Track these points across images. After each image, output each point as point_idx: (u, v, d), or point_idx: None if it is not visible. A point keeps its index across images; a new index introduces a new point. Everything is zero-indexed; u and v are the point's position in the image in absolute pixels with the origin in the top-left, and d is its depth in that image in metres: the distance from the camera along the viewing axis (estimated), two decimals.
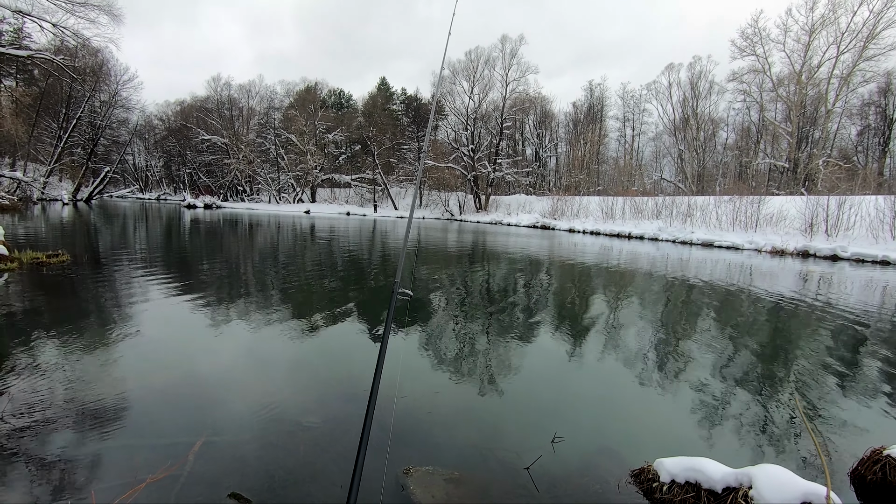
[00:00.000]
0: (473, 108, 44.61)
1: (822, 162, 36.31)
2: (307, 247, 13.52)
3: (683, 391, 3.55)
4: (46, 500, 1.96)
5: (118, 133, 46.21)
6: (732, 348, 4.75)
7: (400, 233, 21.18)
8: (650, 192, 36.11)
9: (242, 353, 4.03)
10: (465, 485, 2.20)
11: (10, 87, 37.81)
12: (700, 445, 2.76)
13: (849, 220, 17.47)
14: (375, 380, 1.50)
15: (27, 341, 3.94)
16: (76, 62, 31.22)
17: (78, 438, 2.45)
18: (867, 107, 39.26)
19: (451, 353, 4.28)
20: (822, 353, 4.72)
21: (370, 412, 1.39)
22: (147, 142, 59.53)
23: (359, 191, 52.33)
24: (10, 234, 10.67)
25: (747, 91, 43.15)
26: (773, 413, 3.22)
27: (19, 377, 3.17)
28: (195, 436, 2.49)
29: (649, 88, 51.35)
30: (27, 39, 33.51)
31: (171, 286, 6.52)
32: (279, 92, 55.62)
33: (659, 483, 2.22)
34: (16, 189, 27.03)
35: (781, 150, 41.87)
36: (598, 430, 2.94)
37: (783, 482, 1.93)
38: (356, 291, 6.97)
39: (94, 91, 37.77)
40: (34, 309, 5.04)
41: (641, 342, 4.83)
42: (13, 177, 26.63)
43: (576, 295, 7.61)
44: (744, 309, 6.88)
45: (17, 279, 6.45)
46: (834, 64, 37.31)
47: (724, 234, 20.14)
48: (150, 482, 2.04)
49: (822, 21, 36.80)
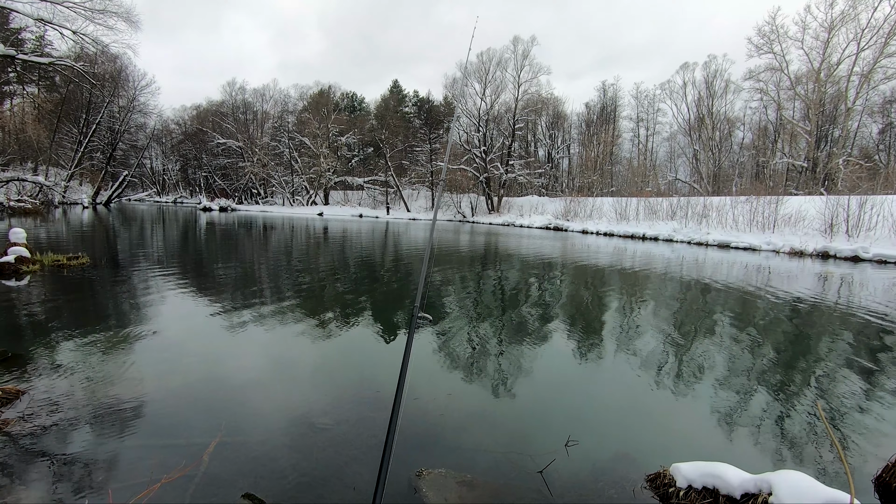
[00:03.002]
0: (485, 109, 44.57)
1: (843, 161, 35.53)
2: (321, 249, 13.61)
3: (701, 394, 3.49)
4: (64, 498, 1.99)
5: (136, 138, 47.21)
6: (751, 351, 4.66)
7: (413, 234, 21.20)
8: (665, 193, 35.69)
9: (257, 354, 4.07)
10: (478, 488, 2.19)
11: (33, 93, 38.87)
12: (718, 450, 2.70)
13: (870, 221, 17.02)
14: (397, 396, 1.51)
15: (48, 342, 4.02)
16: (95, 68, 31.96)
17: (95, 438, 2.49)
18: (889, 104, 38.26)
19: (464, 355, 4.26)
20: (845, 356, 4.60)
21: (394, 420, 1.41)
22: (164, 146, 60.55)
23: (371, 193, 52.61)
24: (32, 236, 10.93)
25: (764, 89, 42.40)
26: (793, 417, 3.15)
27: (40, 377, 3.23)
28: (210, 436, 2.51)
29: (663, 88, 50.76)
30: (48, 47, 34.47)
31: (188, 288, 6.62)
32: (293, 95, 56.26)
33: (675, 488, 2.18)
34: (38, 193, 27.70)
35: (800, 149, 41.07)
36: (612, 433, 2.90)
37: (804, 489, 1.88)
38: (369, 294, 7.00)
39: (112, 97, 38.65)
40: (55, 310, 5.14)
41: (656, 345, 4.76)
42: (35, 181, 27.30)
43: (589, 297, 7.54)
44: (762, 311, 6.75)
45: (39, 281, 6.60)
46: (854, 61, 36.52)
47: (741, 236, 19.79)
48: (165, 482, 2.06)
49: (841, 17, 36.05)
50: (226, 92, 56.18)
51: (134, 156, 47.81)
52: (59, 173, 35.28)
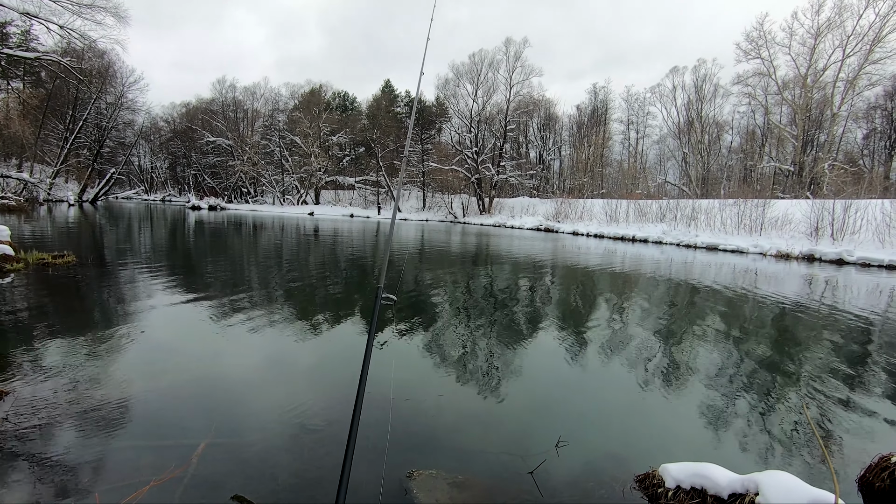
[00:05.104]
0: (477, 110, 44.68)
1: (828, 165, 36.16)
2: (311, 249, 13.54)
3: (689, 396, 3.53)
4: (50, 501, 1.96)
5: (124, 135, 46.60)
6: (738, 353, 4.72)
7: (403, 234, 21.19)
8: (654, 196, 36.00)
9: (247, 354, 4.04)
10: (469, 488, 2.19)
11: (18, 88, 38.16)
12: (706, 451, 2.74)
13: (855, 224, 17.33)
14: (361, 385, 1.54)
15: (32, 342, 3.95)
16: (83, 64, 31.44)
17: (82, 440, 2.46)
18: (873, 110, 39.07)
19: (455, 356, 4.27)
20: (829, 358, 4.68)
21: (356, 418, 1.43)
22: (152, 143, 59.81)
23: (362, 193, 52.45)
24: (17, 234, 10.73)
25: (752, 94, 43.08)
26: (779, 419, 3.20)
27: (24, 378, 3.18)
28: (199, 438, 2.49)
29: (653, 91, 51.32)
30: (34, 42, 33.90)
31: (176, 288, 6.55)
32: (284, 94, 55.89)
33: (664, 489, 2.20)
34: (22, 190, 27.20)
35: (787, 153, 41.74)
36: (602, 434, 2.92)
37: (790, 488, 1.91)
38: (360, 294, 6.98)
39: (100, 93, 38.07)
40: (40, 310, 5.06)
41: (646, 346, 4.81)
42: (20, 178, 26.82)
43: (580, 299, 7.59)
44: (749, 313, 6.84)
45: (24, 280, 6.48)
46: (840, 67, 37.24)
47: (729, 238, 20.04)
48: (154, 485, 2.04)
49: (827, 24, 36.75)
50: (216, 90, 55.70)
51: (121, 153, 47.17)
52: (45, 170, 34.66)
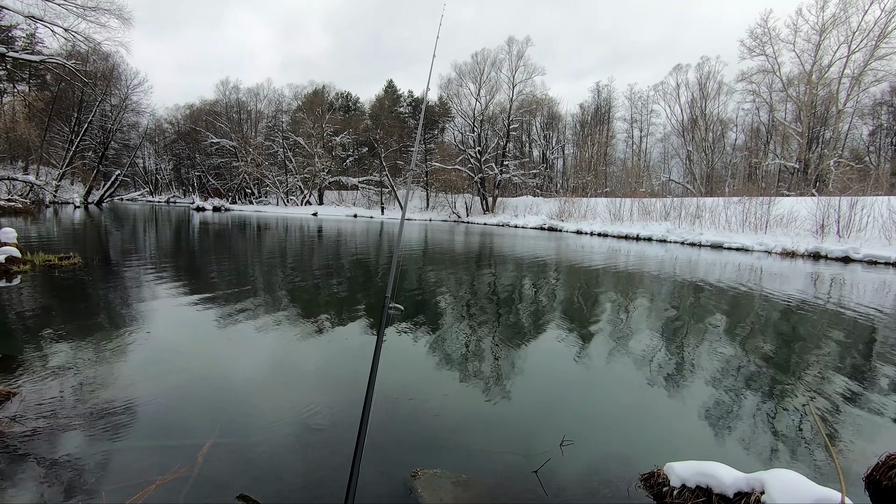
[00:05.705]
0: (480, 110, 44.67)
1: (834, 162, 35.91)
2: (315, 250, 13.57)
3: (694, 394, 3.51)
4: (57, 500, 1.97)
5: (128, 137, 46.84)
6: (743, 351, 4.70)
7: (407, 234, 21.18)
8: (658, 194, 35.92)
9: (252, 354, 4.05)
10: (473, 488, 2.19)
11: (23, 91, 38.48)
12: (711, 449, 2.72)
13: (861, 222, 17.21)
14: (368, 393, 1.54)
15: (39, 343, 3.98)
16: (87, 66, 31.66)
17: (88, 440, 2.47)
18: (879, 106, 38.78)
19: (459, 355, 4.26)
20: (836, 356, 4.65)
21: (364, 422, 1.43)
22: (157, 145, 60.11)
23: (366, 193, 52.51)
24: (23, 236, 10.81)
25: (757, 91, 42.83)
26: (785, 417, 3.18)
27: (31, 378, 3.20)
28: (204, 438, 2.50)
29: (657, 89, 51.11)
30: (40, 45, 34.17)
31: (181, 289, 6.58)
32: (287, 95, 56.06)
33: (669, 487, 2.19)
34: (28, 192, 27.38)
35: (792, 150, 41.46)
36: (607, 433, 2.91)
37: (796, 487, 1.90)
38: (364, 294, 6.98)
39: (104, 95, 38.30)
40: (46, 310, 5.10)
41: (651, 345, 4.79)
42: (26, 180, 26.99)
43: (584, 297, 7.57)
44: (755, 312, 6.81)
45: (30, 281, 6.53)
46: (845, 63, 36.95)
47: (734, 236, 19.94)
48: (159, 484, 2.05)
49: (832, 20, 36.47)
50: (219, 91, 55.97)
51: (126, 155, 47.40)
52: (51, 172, 34.90)
